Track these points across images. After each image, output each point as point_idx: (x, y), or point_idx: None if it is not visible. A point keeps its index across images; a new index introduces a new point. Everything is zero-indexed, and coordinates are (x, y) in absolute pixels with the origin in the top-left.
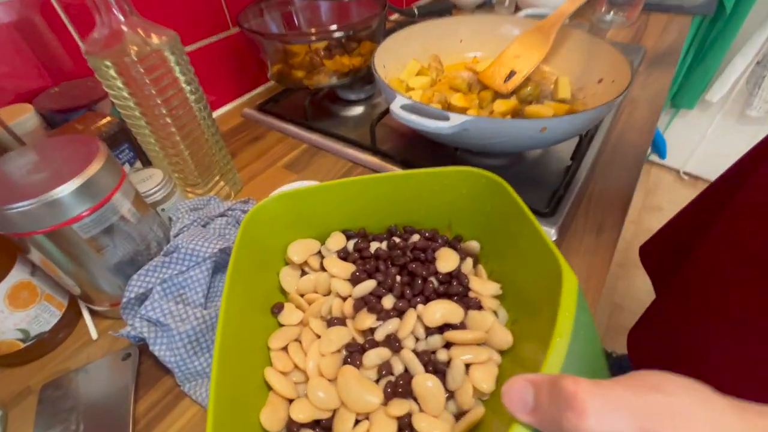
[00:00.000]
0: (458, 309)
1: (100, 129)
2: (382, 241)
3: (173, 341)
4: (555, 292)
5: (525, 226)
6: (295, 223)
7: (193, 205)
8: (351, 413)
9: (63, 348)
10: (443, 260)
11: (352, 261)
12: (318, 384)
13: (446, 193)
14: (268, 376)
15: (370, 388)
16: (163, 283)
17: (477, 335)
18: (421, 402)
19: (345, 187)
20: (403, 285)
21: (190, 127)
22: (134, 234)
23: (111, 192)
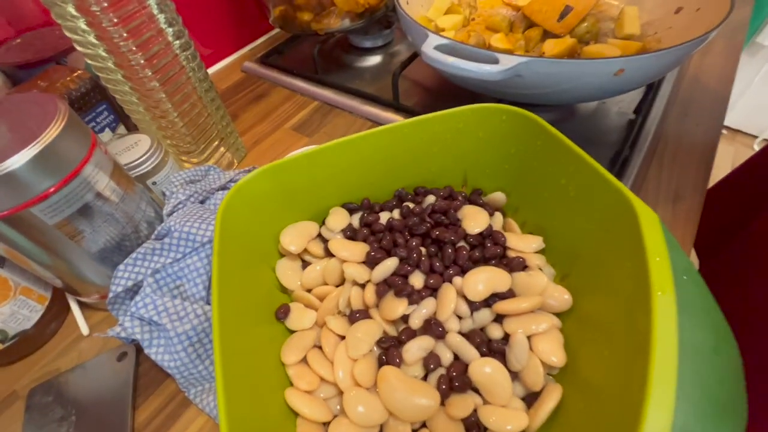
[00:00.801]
0: (503, 274)
1: (68, 86)
2: (392, 210)
3: (171, 344)
4: (624, 233)
5: (568, 162)
6: (285, 204)
7: (190, 176)
8: (405, 425)
9: (52, 345)
10: (470, 220)
11: (363, 239)
12: (356, 397)
13: (460, 140)
14: (291, 400)
15: (420, 388)
16: (155, 273)
17: (533, 301)
18: (483, 392)
19: (337, 150)
20: (430, 257)
21: (180, 85)
22: (118, 215)
23: (79, 164)
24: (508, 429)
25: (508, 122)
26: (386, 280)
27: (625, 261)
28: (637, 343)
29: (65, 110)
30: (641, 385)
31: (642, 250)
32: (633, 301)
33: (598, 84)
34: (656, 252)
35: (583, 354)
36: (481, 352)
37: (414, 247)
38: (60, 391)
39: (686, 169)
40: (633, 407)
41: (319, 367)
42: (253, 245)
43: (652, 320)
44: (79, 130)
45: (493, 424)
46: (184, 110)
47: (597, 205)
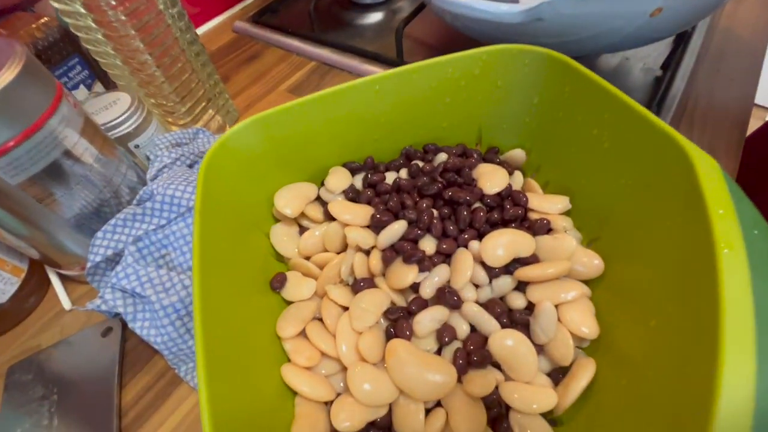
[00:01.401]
0: (526, 237)
1: (33, 34)
2: (398, 170)
3: (157, 318)
4: (674, 185)
5: (604, 109)
6: (278, 162)
7: (176, 139)
8: (417, 403)
9: (32, 320)
10: (487, 179)
11: (367, 201)
12: (361, 373)
13: (475, 89)
14: (289, 377)
15: (434, 363)
16: (138, 242)
17: (560, 266)
18: (505, 368)
19: (336, 97)
20: (442, 220)
21: (157, 30)
22: (93, 177)
23: (42, 115)
24: (534, 408)
25: (532, 66)
26: (394, 246)
27: (676, 217)
28: (699, 309)
29: (22, 53)
30: (710, 355)
31: (700, 203)
32: (689, 263)
33: (630, 29)
34: (719, 203)
35: (619, 325)
36: (501, 324)
37: (424, 208)
38: (41, 369)
39: (719, 129)
40: (699, 381)
41: (319, 341)
42: (242, 208)
43: (718, 282)
44: (40, 78)
45: (516, 401)
46: (164, 63)
47: (638, 155)
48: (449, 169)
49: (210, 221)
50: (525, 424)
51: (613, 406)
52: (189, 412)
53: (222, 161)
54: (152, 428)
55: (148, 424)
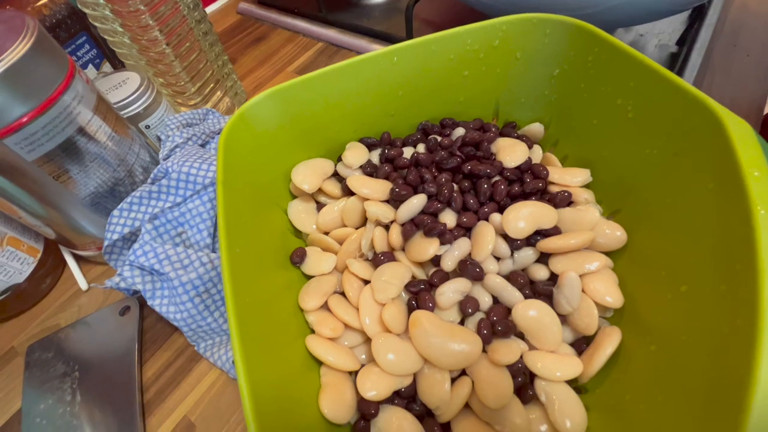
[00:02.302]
0: (548, 208)
1: (40, 11)
2: (416, 145)
3: (176, 294)
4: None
5: (629, 77)
6: (296, 137)
7: (187, 119)
8: (442, 372)
9: (49, 300)
10: (506, 153)
11: (384, 176)
12: (385, 343)
13: (494, 61)
14: (314, 347)
15: (459, 333)
16: (154, 219)
17: (583, 237)
18: (529, 338)
19: (353, 69)
20: (462, 193)
21: (174, 20)
22: (107, 155)
23: (56, 90)
24: (559, 375)
25: (553, 35)
26: (413, 220)
27: (708, 183)
28: (736, 272)
29: (34, 27)
30: (749, 318)
31: (735, 166)
32: (723, 227)
33: (650, 0)
34: (754, 165)
35: (644, 294)
36: (524, 295)
37: (444, 182)
38: (60, 347)
39: (737, 105)
40: (737, 346)
41: (342, 313)
42: (261, 182)
43: (756, 243)
44: (53, 52)
45: (541, 369)
46: (173, 42)
47: (665, 123)
48: (468, 143)
49: (232, 195)
50: (550, 391)
51: (641, 373)
52: (210, 388)
53: (240, 134)
54: (174, 403)
55: (170, 399)
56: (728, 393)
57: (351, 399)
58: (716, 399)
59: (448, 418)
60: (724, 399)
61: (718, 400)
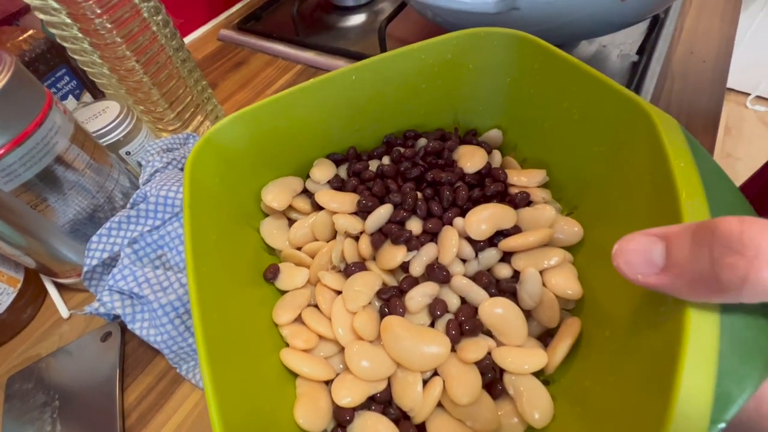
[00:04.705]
0: (507, 209)
1: (20, 46)
2: (381, 157)
3: (156, 317)
4: (640, 145)
5: (571, 81)
6: (264, 157)
7: (167, 144)
8: (415, 374)
9: (30, 330)
10: (467, 159)
11: (352, 189)
12: (358, 351)
13: (449, 73)
14: (288, 360)
15: (428, 335)
16: (133, 243)
17: (541, 234)
18: (497, 334)
19: (315, 89)
20: (427, 201)
21: (143, 38)
22: (87, 183)
23: (33, 122)
24: (526, 368)
25: (500, 47)
26: (381, 229)
27: (645, 175)
28: None
29: (11, 62)
30: (678, 301)
31: (663, 158)
32: (657, 216)
33: (603, 14)
34: (680, 157)
35: (600, 285)
36: (490, 293)
37: (408, 191)
38: (41, 377)
39: (695, 109)
40: (670, 327)
41: (316, 325)
42: (231, 204)
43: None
44: (30, 86)
45: (509, 364)
46: (151, 71)
47: (606, 122)
48: (430, 153)
49: (200, 217)
50: (518, 384)
51: (598, 359)
52: (192, 410)
53: (207, 157)
54: (156, 428)
55: (152, 423)
56: (662, 375)
57: (326, 407)
58: (653, 379)
59: (422, 418)
60: (659, 379)
61: (655, 380)
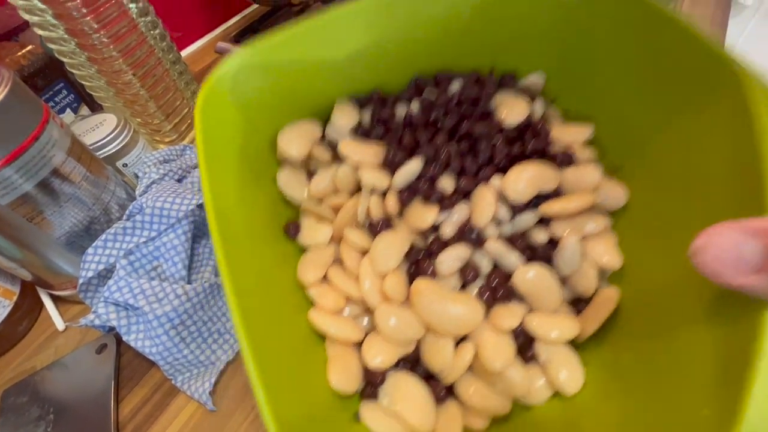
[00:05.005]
0: (550, 170)
1: (19, 62)
2: (409, 101)
3: (151, 328)
4: (720, 107)
5: (640, 24)
6: (279, 99)
7: (164, 156)
8: (445, 338)
9: (26, 343)
10: (506, 109)
11: (377, 138)
12: (387, 311)
13: (491, 6)
14: (317, 321)
15: (460, 301)
16: (129, 255)
17: (584, 200)
18: (530, 301)
19: (339, 22)
20: (461, 156)
21: (142, 57)
22: (83, 195)
23: (30, 136)
24: (558, 337)
25: None
26: (411, 186)
27: (721, 147)
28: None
29: (9, 77)
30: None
31: (751, 127)
32: (733, 193)
33: None
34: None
35: (643, 255)
36: (524, 258)
37: (440, 144)
38: (36, 390)
39: None
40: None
41: (344, 285)
42: (245, 151)
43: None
44: (27, 101)
45: (541, 333)
46: (148, 84)
47: (683, 79)
48: (464, 101)
49: (216, 172)
50: (550, 351)
51: (642, 334)
52: (187, 421)
53: (218, 100)
54: None
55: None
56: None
57: (357, 368)
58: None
59: (452, 380)
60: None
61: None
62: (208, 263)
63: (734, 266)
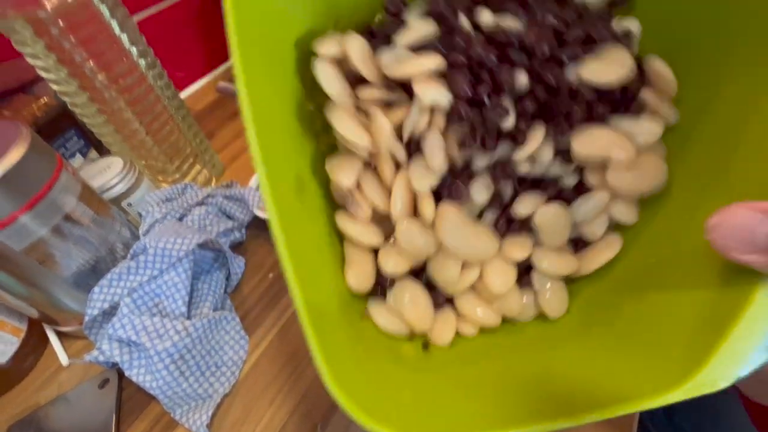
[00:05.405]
0: (626, 142)
1: (35, 114)
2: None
3: (152, 363)
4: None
5: None
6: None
7: (166, 195)
8: (456, 260)
9: (31, 379)
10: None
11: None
12: (409, 226)
13: None
14: (343, 224)
15: (482, 234)
16: (133, 293)
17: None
18: (541, 234)
19: None
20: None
21: (149, 104)
22: (90, 237)
23: (44, 186)
24: (556, 272)
25: None
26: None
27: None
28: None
29: (27, 134)
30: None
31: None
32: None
33: None
34: None
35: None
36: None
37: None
38: (40, 426)
39: None
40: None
41: (374, 195)
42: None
43: None
44: (43, 153)
45: (545, 267)
46: (154, 129)
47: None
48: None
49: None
50: (545, 281)
51: (634, 282)
52: None
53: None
54: None
55: None
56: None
57: (371, 272)
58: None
59: (453, 293)
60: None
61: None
62: (207, 299)
63: (746, 246)
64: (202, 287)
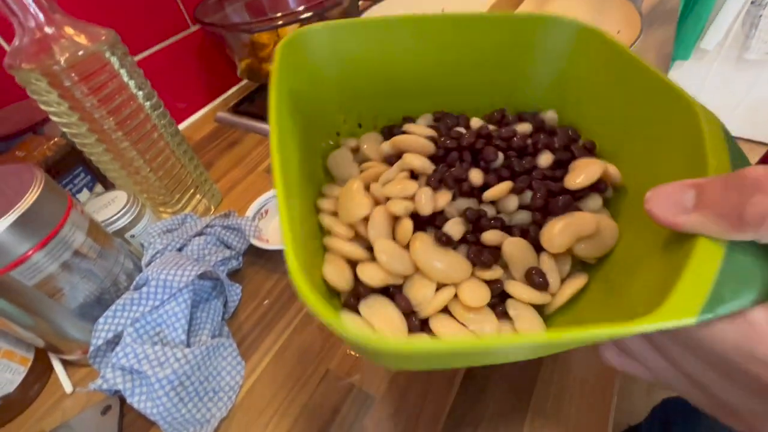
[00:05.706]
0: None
1: (45, 153)
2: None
3: (153, 390)
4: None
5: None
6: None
7: (167, 226)
8: (431, 282)
9: (36, 406)
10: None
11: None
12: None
13: (509, 50)
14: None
15: (454, 256)
16: (135, 323)
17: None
18: (510, 266)
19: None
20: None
21: (152, 142)
22: (96, 270)
23: (56, 226)
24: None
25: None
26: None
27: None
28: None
29: (41, 177)
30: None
31: (701, 144)
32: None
33: None
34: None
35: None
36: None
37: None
38: None
39: None
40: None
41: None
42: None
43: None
44: (55, 194)
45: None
46: (157, 165)
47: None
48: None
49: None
50: (519, 309)
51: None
52: None
53: (295, 45)
54: None
55: None
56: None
57: (349, 276)
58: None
59: (428, 314)
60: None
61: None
62: (206, 326)
63: (675, 208)
64: (201, 315)
